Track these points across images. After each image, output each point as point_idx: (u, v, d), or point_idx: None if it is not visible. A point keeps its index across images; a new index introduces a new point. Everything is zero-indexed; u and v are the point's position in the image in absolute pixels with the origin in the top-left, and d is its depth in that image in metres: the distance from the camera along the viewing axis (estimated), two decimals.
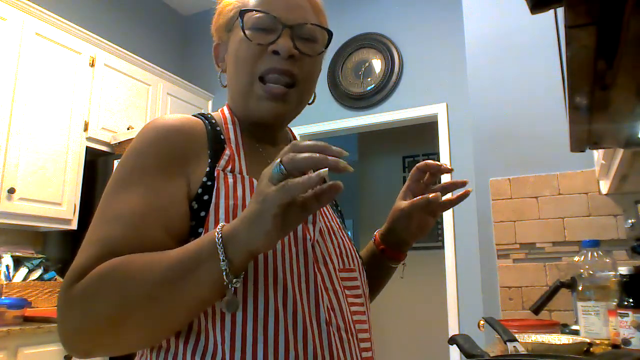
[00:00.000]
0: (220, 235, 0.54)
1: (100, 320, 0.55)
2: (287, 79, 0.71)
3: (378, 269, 0.87)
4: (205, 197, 0.64)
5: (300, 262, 0.65)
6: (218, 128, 0.72)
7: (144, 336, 0.58)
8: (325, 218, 0.76)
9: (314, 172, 0.50)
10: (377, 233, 0.88)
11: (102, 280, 0.55)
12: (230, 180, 0.66)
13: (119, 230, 0.60)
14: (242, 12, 0.72)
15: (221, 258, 0.53)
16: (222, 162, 0.67)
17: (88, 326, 0.55)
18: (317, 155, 0.51)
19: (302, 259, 0.66)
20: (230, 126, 0.74)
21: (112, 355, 0.69)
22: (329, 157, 0.51)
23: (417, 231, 0.83)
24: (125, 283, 0.55)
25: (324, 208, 0.77)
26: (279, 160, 0.52)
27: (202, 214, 0.63)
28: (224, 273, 0.53)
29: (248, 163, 0.71)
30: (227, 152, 0.69)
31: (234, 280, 0.54)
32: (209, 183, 0.65)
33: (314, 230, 0.70)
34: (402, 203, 0.82)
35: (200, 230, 0.62)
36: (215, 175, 0.65)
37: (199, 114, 0.74)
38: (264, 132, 0.77)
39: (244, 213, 0.54)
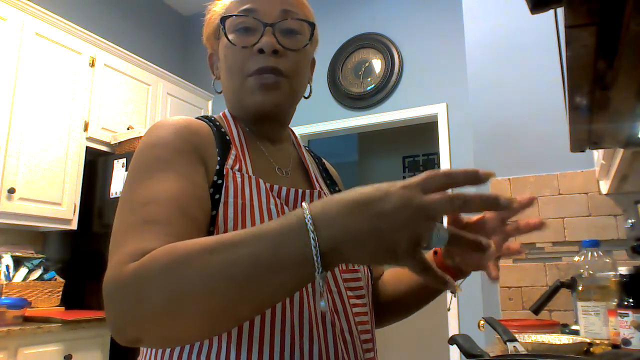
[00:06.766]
0: (308, 211, 0.46)
1: (156, 309, 0.47)
2: (275, 73, 0.71)
3: (422, 288, 0.79)
4: (217, 197, 0.64)
5: None
6: (223, 129, 0.73)
7: (203, 328, 0.50)
8: None
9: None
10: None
11: (162, 267, 0.48)
12: (239, 179, 0.66)
13: (164, 212, 0.56)
14: (223, 19, 0.73)
15: (311, 236, 0.44)
16: (230, 161, 0.68)
17: (141, 313, 0.48)
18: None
19: None
20: (233, 127, 0.74)
21: (162, 347, 0.62)
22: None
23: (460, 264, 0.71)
24: (186, 270, 0.47)
25: None
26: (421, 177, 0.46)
27: (213, 212, 0.63)
28: (314, 251, 0.44)
29: (253, 163, 0.72)
30: (233, 151, 0.70)
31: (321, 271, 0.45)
32: (219, 182, 0.65)
33: None
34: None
35: (211, 229, 0.62)
36: (225, 173, 0.66)
37: (201, 116, 0.75)
38: (264, 130, 0.77)
39: (346, 212, 0.45)
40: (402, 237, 0.43)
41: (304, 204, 0.47)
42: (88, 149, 2.82)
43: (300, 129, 3.53)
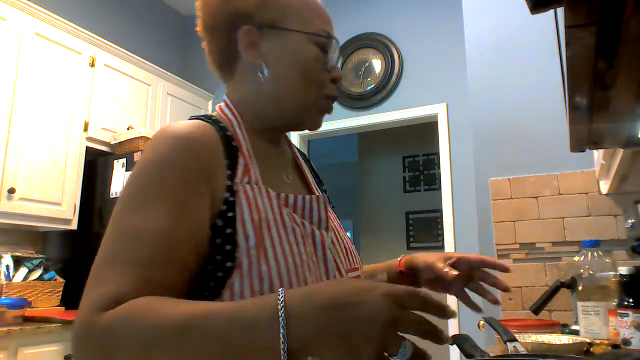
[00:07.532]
0: (282, 304, 0.47)
1: None
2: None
3: None
4: (230, 214, 0.62)
5: (321, 270, 0.67)
6: (228, 133, 0.69)
7: None
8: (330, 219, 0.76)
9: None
10: (404, 257, 0.94)
11: (132, 333, 0.50)
12: (250, 192, 0.65)
13: (148, 252, 0.55)
14: (329, 36, 0.75)
15: (281, 332, 0.45)
16: (239, 174, 0.66)
17: None
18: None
19: (323, 267, 0.68)
20: (237, 129, 0.72)
21: None
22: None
23: (427, 285, 0.90)
24: (156, 344, 0.49)
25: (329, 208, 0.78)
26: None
27: (229, 230, 0.61)
28: (282, 353, 0.45)
29: (260, 170, 0.70)
30: (242, 160, 0.67)
31: None
32: (231, 199, 0.63)
33: (328, 236, 0.71)
34: (438, 264, 0.85)
35: (227, 247, 0.60)
36: (235, 189, 0.64)
37: (203, 116, 0.71)
38: (272, 133, 0.77)
39: (326, 310, 0.46)
40: (369, 346, 0.44)
41: (280, 290, 0.48)
42: (88, 149, 2.82)
43: None
